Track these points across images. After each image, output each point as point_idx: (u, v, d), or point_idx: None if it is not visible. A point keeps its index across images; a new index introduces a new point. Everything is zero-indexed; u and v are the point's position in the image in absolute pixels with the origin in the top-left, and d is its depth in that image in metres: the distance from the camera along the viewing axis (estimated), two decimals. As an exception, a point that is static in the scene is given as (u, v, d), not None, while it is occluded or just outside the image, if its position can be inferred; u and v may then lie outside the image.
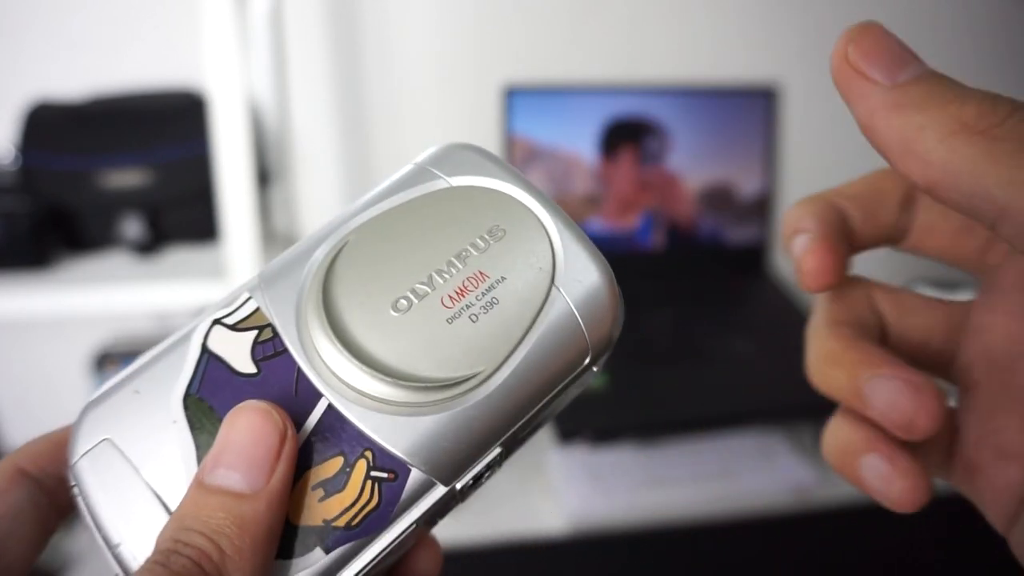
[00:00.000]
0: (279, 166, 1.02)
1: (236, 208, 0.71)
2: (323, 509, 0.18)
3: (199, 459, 0.18)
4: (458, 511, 0.21)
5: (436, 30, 1.02)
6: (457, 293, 0.20)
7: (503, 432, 0.20)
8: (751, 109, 1.10)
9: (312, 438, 0.19)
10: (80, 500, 0.19)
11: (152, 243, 0.86)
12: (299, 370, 0.19)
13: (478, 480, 0.20)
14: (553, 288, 0.20)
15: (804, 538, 0.82)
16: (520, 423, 0.20)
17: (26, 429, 1.07)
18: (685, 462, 0.88)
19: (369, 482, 0.19)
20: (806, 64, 1.12)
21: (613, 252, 1.17)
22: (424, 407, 0.19)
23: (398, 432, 0.19)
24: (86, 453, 0.19)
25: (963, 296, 0.22)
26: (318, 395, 0.19)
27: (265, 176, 1.00)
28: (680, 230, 1.10)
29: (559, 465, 0.88)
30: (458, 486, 0.20)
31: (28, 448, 0.21)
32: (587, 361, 0.20)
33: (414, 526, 0.19)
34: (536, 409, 0.20)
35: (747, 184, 1.12)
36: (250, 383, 0.19)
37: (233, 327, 0.20)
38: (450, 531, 0.82)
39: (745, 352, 0.97)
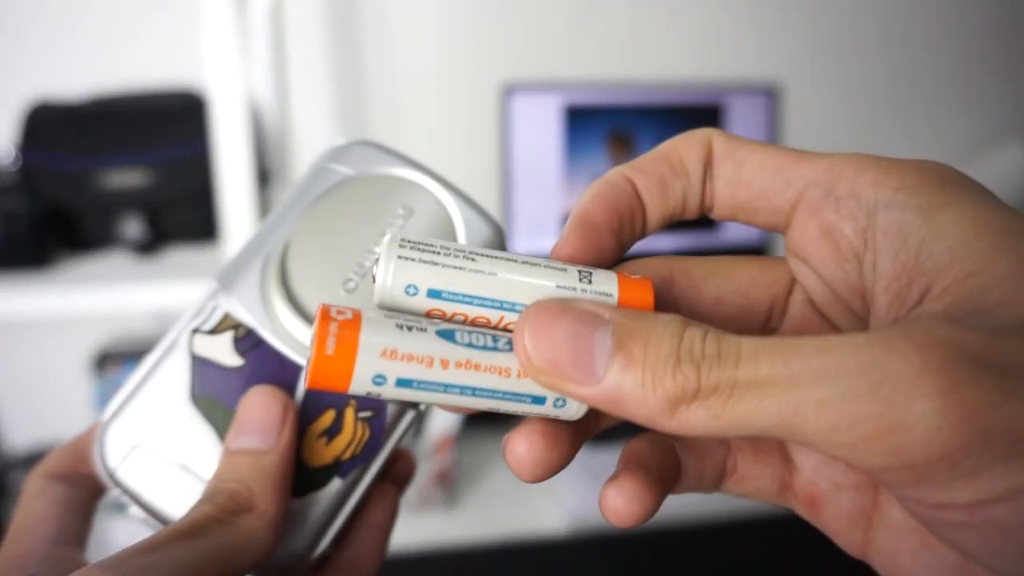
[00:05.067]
0: (279, 166, 1.02)
1: (236, 208, 0.71)
2: (331, 450, 0.23)
3: (221, 439, 0.23)
4: (458, 511, 0.22)
5: (436, 30, 1.02)
6: None
7: None
8: (752, 108, 1.10)
9: (306, 401, 0.23)
10: (129, 498, 0.23)
11: (152, 243, 0.86)
12: (279, 353, 0.24)
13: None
14: None
15: (804, 538, 0.81)
16: None
17: (27, 429, 1.07)
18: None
19: (360, 422, 0.24)
20: (807, 62, 1.12)
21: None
22: None
23: None
24: (123, 461, 0.23)
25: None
26: (300, 368, 0.24)
27: (265, 176, 1.01)
28: (679, 227, 1.10)
29: (559, 465, 0.88)
30: (422, 407, 0.25)
31: (54, 456, 0.25)
32: None
33: (398, 443, 0.24)
34: None
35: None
36: (240, 373, 0.24)
37: (211, 332, 0.24)
38: (451, 531, 0.82)
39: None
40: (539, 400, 0.17)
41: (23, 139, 0.85)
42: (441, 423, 0.84)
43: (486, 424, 1.01)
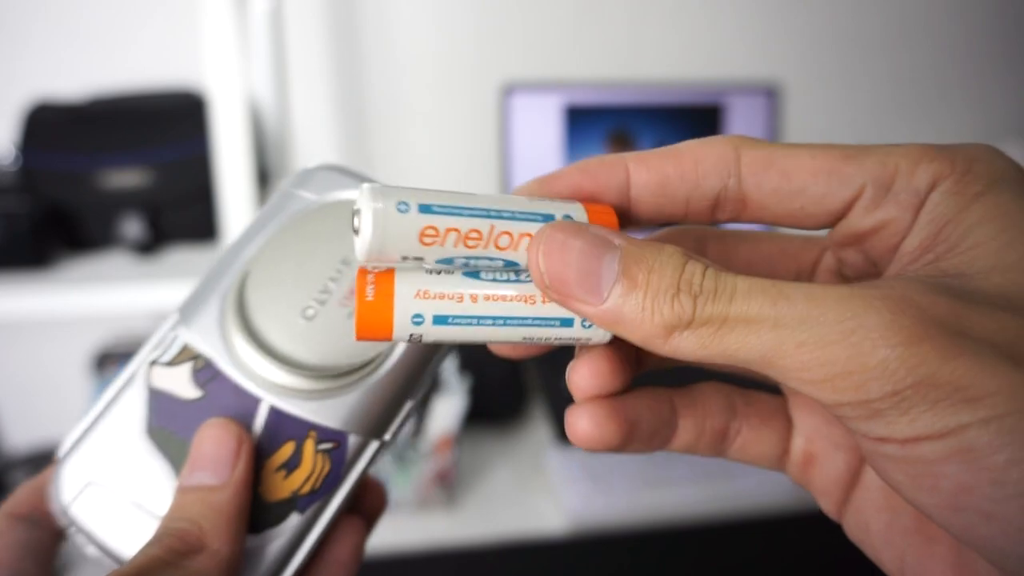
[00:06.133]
0: (279, 166, 1.02)
1: (236, 208, 0.71)
2: (289, 484, 0.23)
3: (177, 473, 0.23)
4: (458, 511, 0.22)
5: (436, 30, 1.02)
6: (350, 292, 0.24)
7: (410, 389, 0.25)
8: (752, 108, 1.10)
9: (265, 433, 0.23)
10: (82, 537, 0.23)
11: (152, 243, 0.86)
12: (237, 385, 0.23)
13: (401, 427, 0.25)
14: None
15: (804, 538, 0.82)
16: (423, 378, 0.25)
17: (26, 429, 1.07)
18: (685, 462, 0.88)
19: (319, 455, 0.23)
20: (808, 62, 1.12)
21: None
22: (348, 387, 0.24)
23: (332, 411, 0.23)
24: (77, 499, 0.23)
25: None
26: (258, 400, 0.23)
27: (265, 176, 1.00)
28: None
29: (559, 465, 0.88)
30: (387, 438, 0.24)
31: (18, 494, 0.24)
32: None
33: (361, 475, 0.24)
34: (432, 364, 0.25)
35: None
36: (199, 405, 0.23)
37: (169, 364, 0.24)
38: (450, 531, 0.82)
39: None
40: (567, 322, 0.18)
41: (23, 139, 0.85)
42: (441, 423, 0.84)
43: (486, 424, 1.01)
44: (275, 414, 0.23)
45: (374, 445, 0.24)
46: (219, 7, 0.67)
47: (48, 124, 0.86)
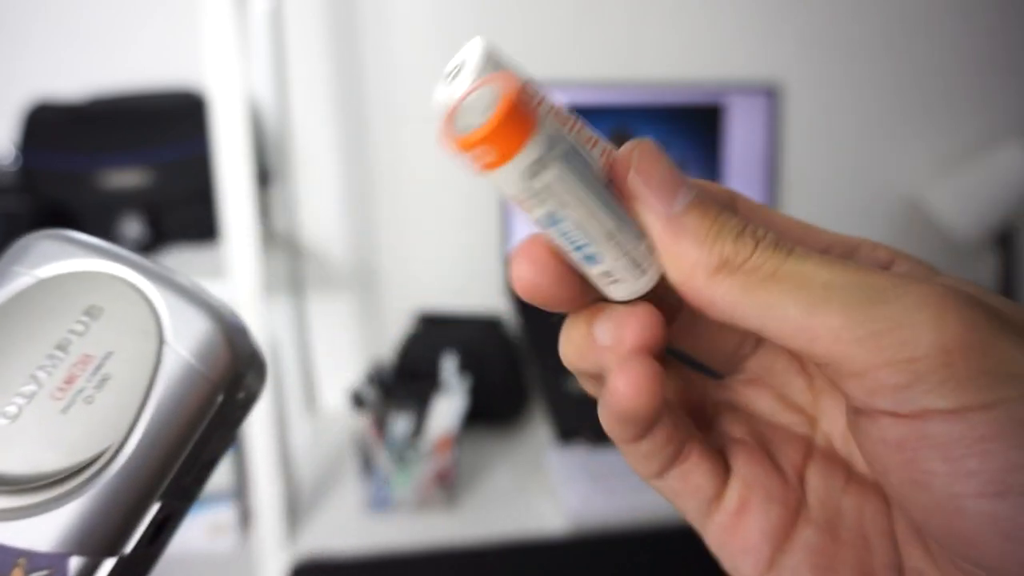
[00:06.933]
0: (279, 166, 1.02)
1: (236, 208, 0.71)
2: None
3: None
4: (458, 511, 0.21)
5: (436, 30, 1.02)
6: (66, 382, 0.20)
7: (154, 489, 0.20)
8: (752, 108, 1.10)
9: None
10: None
11: (152, 243, 0.86)
12: None
13: (160, 533, 0.21)
14: (164, 346, 0.21)
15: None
16: (172, 475, 0.21)
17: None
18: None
19: None
20: (808, 62, 1.12)
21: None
22: (63, 498, 0.19)
23: (43, 531, 0.19)
24: None
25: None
26: None
27: (265, 176, 1.01)
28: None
29: (559, 465, 0.88)
30: (128, 550, 0.20)
31: None
32: (221, 398, 0.21)
33: None
34: (184, 456, 0.21)
35: (748, 183, 1.12)
36: None
37: None
38: (450, 531, 0.82)
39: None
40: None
41: (23, 139, 0.85)
42: (441, 423, 0.84)
43: (486, 424, 1.01)
44: None
45: (109, 563, 0.20)
46: (219, 7, 0.67)
47: (48, 124, 0.86)
